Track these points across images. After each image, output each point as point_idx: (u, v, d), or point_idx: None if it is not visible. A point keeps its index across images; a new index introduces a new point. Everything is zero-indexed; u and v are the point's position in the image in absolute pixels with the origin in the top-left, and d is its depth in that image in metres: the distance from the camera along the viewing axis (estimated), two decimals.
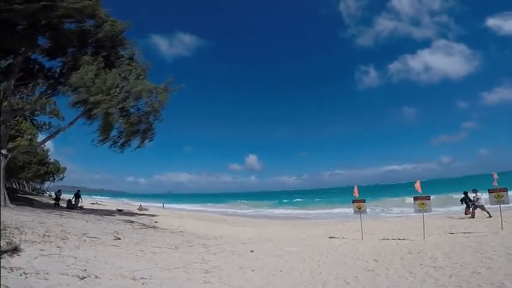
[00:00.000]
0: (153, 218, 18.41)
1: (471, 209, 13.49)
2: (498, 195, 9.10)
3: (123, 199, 76.96)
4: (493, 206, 9.39)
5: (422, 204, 9.68)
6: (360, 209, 10.35)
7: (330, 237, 11.22)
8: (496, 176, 9.89)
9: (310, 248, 9.34)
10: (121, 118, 15.90)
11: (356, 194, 10.54)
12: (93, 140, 16.19)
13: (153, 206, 38.05)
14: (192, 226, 15.65)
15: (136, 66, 16.45)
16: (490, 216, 12.23)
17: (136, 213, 21.45)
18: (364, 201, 10.41)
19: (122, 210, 23.75)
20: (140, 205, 31.49)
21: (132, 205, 38.49)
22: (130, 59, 17.02)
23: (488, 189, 9.49)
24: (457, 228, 10.52)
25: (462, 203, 14.50)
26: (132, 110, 16.66)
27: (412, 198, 10.05)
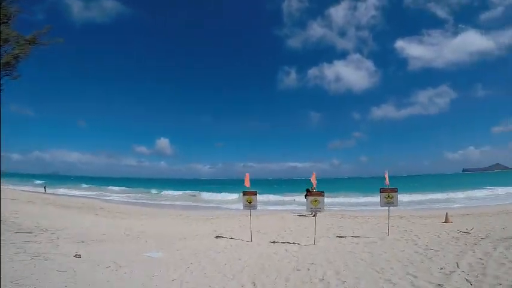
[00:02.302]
0: None
1: None
2: (388, 196, 8.56)
3: None
4: (382, 207, 8.79)
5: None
6: (250, 202, 8.52)
7: (217, 237, 9.08)
8: (387, 175, 9.37)
9: (182, 253, 6.91)
10: None
11: (247, 183, 8.65)
12: None
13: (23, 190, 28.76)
14: (35, 214, 11.03)
15: None
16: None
17: None
18: (256, 194, 8.61)
19: None
20: None
21: None
22: None
23: (380, 189, 8.86)
24: (345, 230, 9.98)
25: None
26: None
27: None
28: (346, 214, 15.15)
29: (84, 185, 46.77)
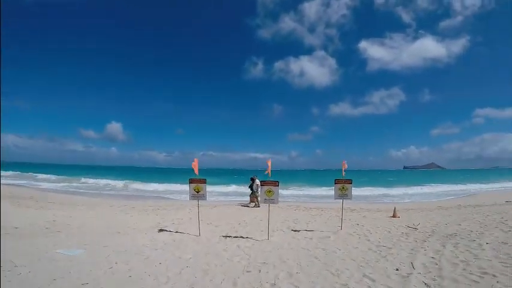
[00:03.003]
0: None
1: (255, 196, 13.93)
2: (343, 188, 8.23)
3: None
4: (336, 200, 8.52)
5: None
6: (198, 192, 7.58)
7: (160, 230, 8.00)
8: (345, 165, 9.09)
9: (108, 250, 5.72)
10: None
11: (195, 169, 7.64)
12: None
13: None
14: None
15: None
16: (258, 206, 13.19)
17: None
18: (205, 182, 7.66)
19: None
20: None
21: None
22: None
23: (335, 180, 8.56)
24: (299, 223, 9.68)
25: (251, 189, 14.54)
26: None
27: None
28: (301, 206, 15.09)
29: (11, 172, 39.77)
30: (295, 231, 8.28)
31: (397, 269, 4.49)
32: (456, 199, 19.12)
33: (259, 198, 13.68)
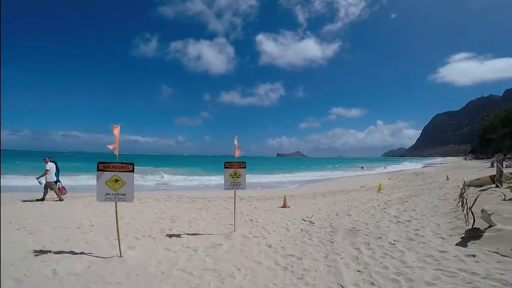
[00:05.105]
0: None
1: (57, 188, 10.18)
2: (235, 174, 6.15)
3: None
4: (227, 190, 6.42)
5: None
6: None
7: None
8: (236, 141, 6.22)
9: None
10: None
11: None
12: None
13: None
14: None
15: None
16: (61, 200, 9.86)
17: None
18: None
19: None
20: None
21: None
22: None
23: (225, 163, 6.22)
24: (179, 222, 7.37)
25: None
26: None
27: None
28: (183, 196, 12.60)
29: None
30: (171, 236, 5.79)
31: None
32: (323, 185, 21.80)
33: (55, 189, 10.03)
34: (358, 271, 3.75)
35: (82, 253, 4.54)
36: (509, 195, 7.24)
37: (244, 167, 6.32)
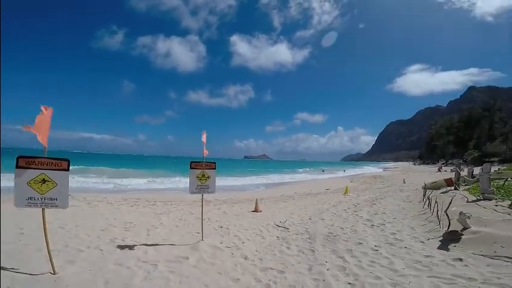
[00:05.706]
0: None
1: None
2: (203, 176, 5.40)
3: None
4: (193, 195, 5.66)
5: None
6: None
7: None
8: (204, 138, 5.48)
9: None
10: None
11: None
12: None
13: None
14: None
15: None
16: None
17: None
18: None
19: None
20: None
21: None
22: None
23: (191, 163, 5.44)
24: (134, 230, 6.39)
25: None
26: None
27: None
28: (141, 199, 11.34)
29: None
30: (122, 247, 4.81)
31: None
32: (289, 187, 21.74)
33: None
34: (349, 283, 3.31)
35: (1, 269, 3.43)
36: (471, 198, 7.60)
37: (214, 168, 5.59)
